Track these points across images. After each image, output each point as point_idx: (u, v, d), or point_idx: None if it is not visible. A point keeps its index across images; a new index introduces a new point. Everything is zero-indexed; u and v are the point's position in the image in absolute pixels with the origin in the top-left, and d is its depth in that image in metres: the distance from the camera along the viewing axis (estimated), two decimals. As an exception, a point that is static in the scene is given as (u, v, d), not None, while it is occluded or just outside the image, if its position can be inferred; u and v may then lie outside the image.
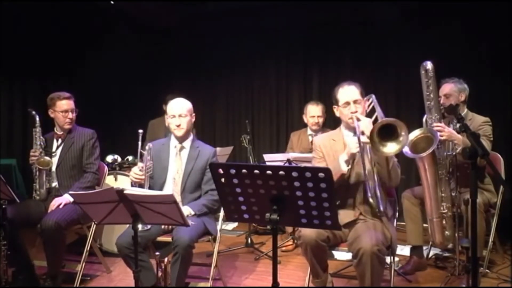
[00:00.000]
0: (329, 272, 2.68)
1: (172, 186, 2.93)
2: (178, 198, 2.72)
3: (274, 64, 5.73)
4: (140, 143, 2.80)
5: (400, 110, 5.20)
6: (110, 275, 3.51)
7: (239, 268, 3.69)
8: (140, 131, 2.80)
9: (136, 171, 2.80)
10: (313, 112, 4.45)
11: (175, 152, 3.00)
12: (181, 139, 3.00)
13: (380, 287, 2.38)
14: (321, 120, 4.45)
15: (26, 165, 3.60)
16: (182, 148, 3.00)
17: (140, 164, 2.80)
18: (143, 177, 2.79)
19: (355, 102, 2.60)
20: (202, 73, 5.93)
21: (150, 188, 2.82)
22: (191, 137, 3.05)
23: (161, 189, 2.94)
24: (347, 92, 2.62)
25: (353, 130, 2.57)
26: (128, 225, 2.64)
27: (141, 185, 2.78)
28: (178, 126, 2.94)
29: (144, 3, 4.95)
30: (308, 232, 2.39)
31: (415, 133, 2.96)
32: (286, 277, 3.44)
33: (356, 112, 2.56)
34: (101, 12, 5.04)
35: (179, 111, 2.94)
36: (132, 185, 2.81)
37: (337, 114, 2.70)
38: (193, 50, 5.85)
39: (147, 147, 2.84)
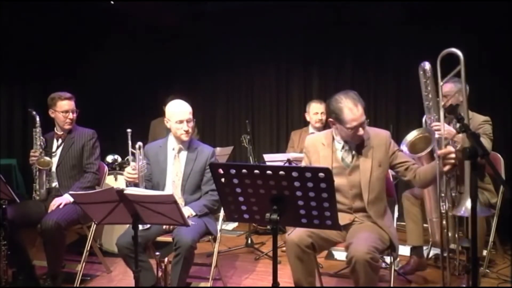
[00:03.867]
0: (329, 272, 2.68)
1: (172, 189, 2.91)
2: (179, 201, 2.72)
3: (274, 64, 5.74)
4: (130, 142, 2.78)
5: (400, 110, 5.21)
6: (110, 275, 3.51)
7: (239, 268, 3.69)
8: (129, 130, 2.76)
9: (130, 170, 2.78)
10: (317, 109, 4.46)
11: (173, 155, 2.98)
12: (181, 142, 2.98)
13: (379, 287, 2.38)
14: (324, 117, 4.46)
15: (26, 165, 3.60)
16: (180, 150, 2.98)
17: (132, 164, 2.79)
18: (136, 175, 2.77)
19: (361, 124, 2.48)
20: (202, 73, 5.93)
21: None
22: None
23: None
24: (356, 116, 2.44)
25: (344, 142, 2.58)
26: (128, 225, 2.64)
27: (136, 185, 2.77)
28: (186, 132, 2.90)
29: (144, 3, 4.96)
30: (291, 236, 2.39)
31: (413, 134, 2.96)
32: (286, 277, 3.43)
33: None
34: (101, 12, 5.04)
35: (186, 115, 2.89)
36: (127, 185, 2.80)
37: (332, 125, 2.60)
38: (193, 50, 5.85)
39: (137, 146, 2.79)
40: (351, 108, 2.43)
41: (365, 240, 2.32)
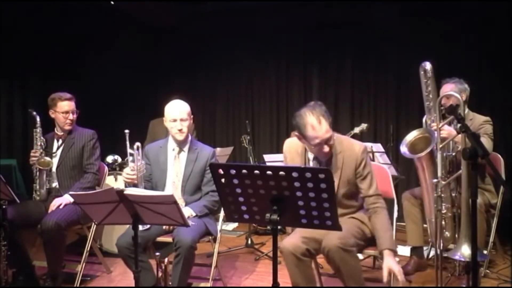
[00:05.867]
0: (329, 272, 2.67)
1: (172, 190, 2.91)
2: (179, 201, 2.73)
3: (274, 64, 5.74)
4: (128, 143, 2.77)
5: (400, 110, 5.21)
6: (110, 276, 3.51)
7: (239, 269, 3.69)
8: (127, 131, 2.76)
9: (128, 171, 2.78)
10: None
11: (173, 156, 2.97)
12: (180, 142, 2.98)
13: (378, 287, 2.38)
14: None
15: (27, 165, 3.60)
16: (180, 151, 2.98)
17: (131, 164, 2.78)
18: (134, 176, 2.76)
19: (326, 142, 2.36)
20: (202, 73, 5.94)
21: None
22: (189, 138, 3.01)
23: (161, 192, 2.92)
24: (319, 133, 2.32)
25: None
26: (128, 226, 2.64)
27: (134, 185, 2.77)
28: (180, 130, 2.88)
29: (144, 3, 4.96)
30: (286, 245, 2.39)
31: (413, 134, 2.96)
32: (286, 277, 3.41)
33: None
34: (101, 13, 5.05)
35: (179, 115, 2.87)
36: (125, 186, 2.79)
37: (298, 139, 2.45)
38: (193, 50, 5.85)
39: (135, 146, 2.79)
40: (313, 125, 2.30)
41: (338, 232, 2.31)
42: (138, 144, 2.81)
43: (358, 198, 2.59)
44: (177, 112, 2.88)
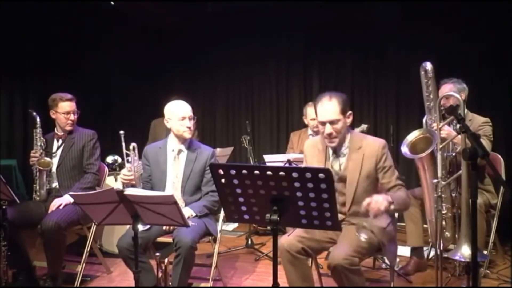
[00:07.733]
0: (329, 273, 2.66)
1: (172, 191, 2.90)
2: (179, 202, 2.72)
3: (274, 65, 5.74)
4: (123, 144, 2.77)
5: (400, 110, 5.21)
6: (110, 276, 3.51)
7: (239, 269, 3.69)
8: (121, 132, 2.76)
9: (125, 172, 2.78)
10: (313, 114, 4.44)
11: (173, 156, 2.97)
12: (182, 142, 2.98)
13: (378, 287, 2.37)
14: None
15: (27, 165, 3.61)
16: (180, 151, 2.98)
17: (128, 165, 2.79)
18: (132, 177, 2.77)
19: (331, 123, 2.45)
20: (202, 73, 5.93)
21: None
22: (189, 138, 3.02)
23: (161, 193, 2.92)
24: (327, 108, 2.46)
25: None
26: (128, 226, 2.64)
27: (132, 186, 2.77)
28: (189, 128, 2.91)
29: (144, 3, 4.96)
30: (281, 241, 2.39)
31: (414, 134, 2.96)
32: (286, 277, 3.43)
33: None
34: (102, 13, 5.05)
35: (188, 113, 2.91)
36: (123, 187, 2.80)
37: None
38: (193, 50, 5.85)
39: (131, 147, 2.79)
40: (323, 101, 2.46)
41: (345, 246, 2.32)
42: (134, 144, 2.81)
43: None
44: (185, 110, 2.91)
